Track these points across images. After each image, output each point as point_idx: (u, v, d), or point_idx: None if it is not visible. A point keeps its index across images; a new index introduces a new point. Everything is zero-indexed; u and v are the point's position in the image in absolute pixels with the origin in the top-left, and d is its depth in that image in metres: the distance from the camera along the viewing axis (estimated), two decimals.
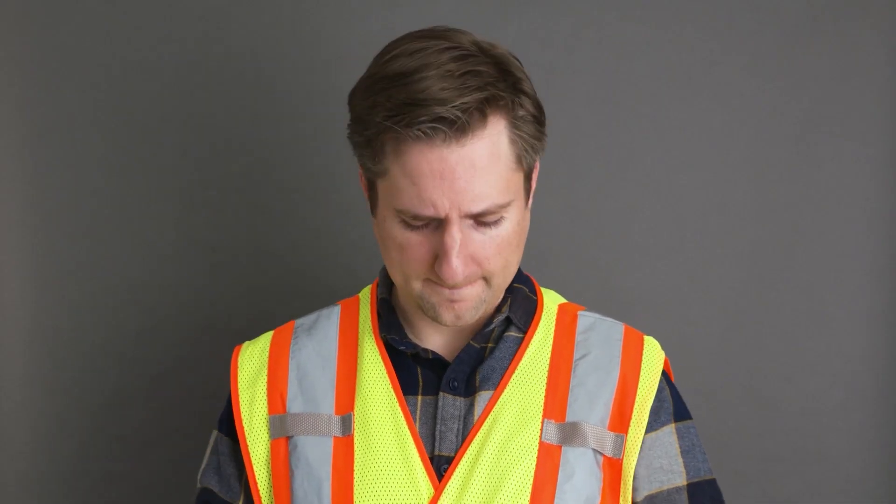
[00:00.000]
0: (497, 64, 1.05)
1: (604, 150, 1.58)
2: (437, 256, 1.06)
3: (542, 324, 1.17)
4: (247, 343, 1.21)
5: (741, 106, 1.58)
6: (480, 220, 1.06)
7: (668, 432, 1.15)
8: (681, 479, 1.13)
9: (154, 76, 1.58)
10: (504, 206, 1.06)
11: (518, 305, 1.17)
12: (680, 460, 1.14)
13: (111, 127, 1.58)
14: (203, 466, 1.19)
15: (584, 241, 1.58)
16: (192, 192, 1.58)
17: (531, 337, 1.16)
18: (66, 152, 1.57)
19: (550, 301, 1.21)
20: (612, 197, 1.59)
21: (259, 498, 1.14)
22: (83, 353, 1.58)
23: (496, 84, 1.03)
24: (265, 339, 1.21)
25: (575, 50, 1.58)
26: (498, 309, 1.16)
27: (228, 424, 1.18)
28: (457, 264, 1.05)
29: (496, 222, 1.07)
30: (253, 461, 1.14)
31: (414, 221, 1.06)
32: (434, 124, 1.01)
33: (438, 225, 1.06)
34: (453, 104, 1.00)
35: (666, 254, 1.58)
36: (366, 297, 1.22)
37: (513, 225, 1.09)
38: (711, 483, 1.16)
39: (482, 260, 1.07)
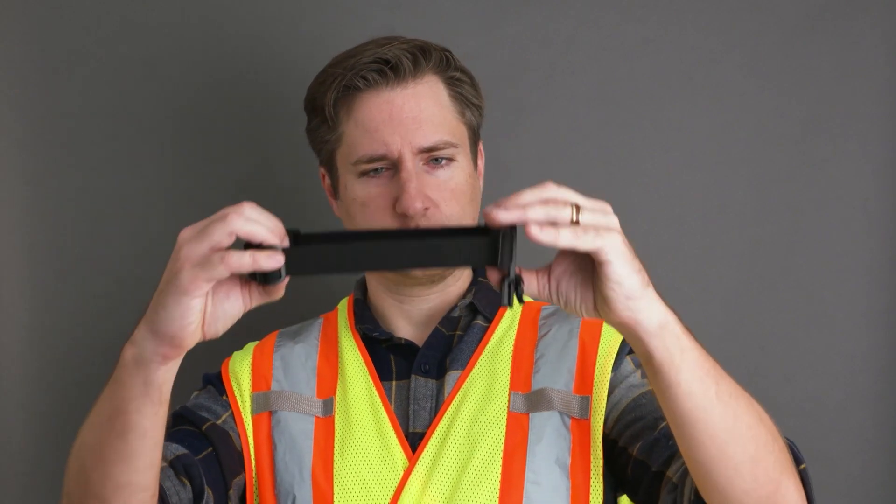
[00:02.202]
0: (437, 46, 1.21)
1: (604, 150, 1.58)
2: (398, 198, 1.14)
3: (507, 315, 1.23)
4: (235, 353, 1.27)
5: (741, 106, 1.57)
6: (432, 155, 1.16)
7: (626, 362, 1.17)
8: (645, 387, 1.14)
9: (154, 76, 1.58)
10: (453, 146, 1.17)
11: (483, 295, 1.23)
12: (638, 372, 1.16)
13: (111, 127, 1.58)
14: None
15: None
16: (192, 192, 1.58)
17: (496, 325, 1.22)
18: (65, 152, 1.57)
19: None
20: (612, 197, 1.57)
21: (250, 464, 1.18)
22: (83, 353, 1.58)
23: (430, 44, 1.20)
24: (251, 345, 1.28)
25: (575, 50, 1.58)
26: (463, 296, 1.24)
27: (217, 385, 1.23)
28: (415, 192, 1.14)
29: (448, 162, 1.17)
30: (246, 430, 1.19)
31: (369, 166, 1.16)
32: (377, 65, 1.16)
33: (395, 172, 1.16)
34: (391, 47, 1.17)
35: (666, 254, 1.58)
36: (343, 303, 1.30)
37: (464, 174, 1.19)
38: None
39: (439, 201, 1.16)
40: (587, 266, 0.91)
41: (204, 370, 1.29)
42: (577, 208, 0.87)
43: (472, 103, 1.23)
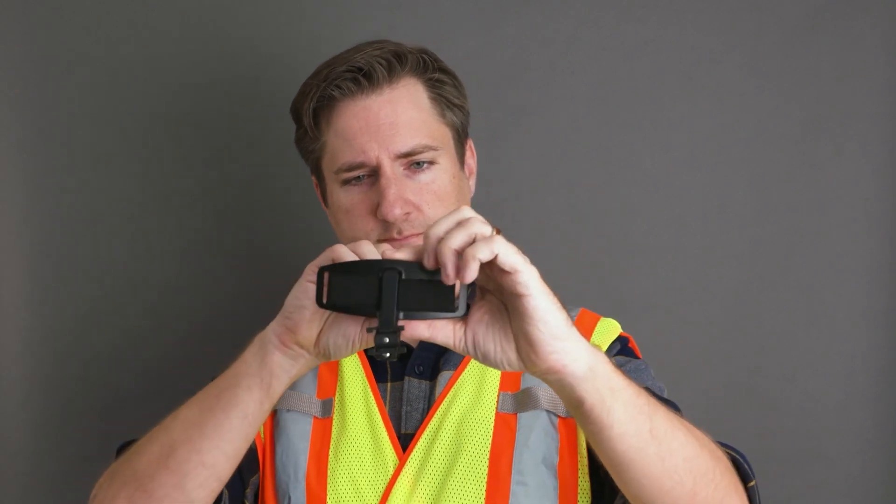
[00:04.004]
0: (414, 48, 1.21)
1: (604, 150, 1.58)
2: (378, 205, 1.15)
3: None
4: None
5: (741, 106, 1.57)
6: (411, 159, 1.16)
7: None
8: None
9: (154, 76, 1.58)
10: (433, 149, 1.17)
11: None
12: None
13: (111, 127, 1.58)
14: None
15: (584, 241, 1.58)
16: (192, 192, 1.58)
17: None
18: (65, 152, 1.58)
19: None
20: (612, 197, 1.59)
21: (263, 462, 1.19)
22: (83, 353, 1.58)
23: (406, 48, 1.19)
24: None
25: (575, 50, 1.58)
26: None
27: None
28: (394, 198, 1.14)
29: (428, 166, 1.17)
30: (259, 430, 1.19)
31: (350, 174, 1.17)
32: (350, 73, 1.16)
33: (376, 178, 1.16)
34: (364, 54, 1.17)
35: (666, 254, 1.58)
36: None
37: (447, 176, 1.18)
38: (657, 391, 1.16)
39: (420, 204, 1.16)
40: (503, 317, 0.90)
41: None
42: (497, 231, 0.87)
43: (454, 104, 1.22)
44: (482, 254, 0.85)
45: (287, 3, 1.58)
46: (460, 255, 0.86)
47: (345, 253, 0.93)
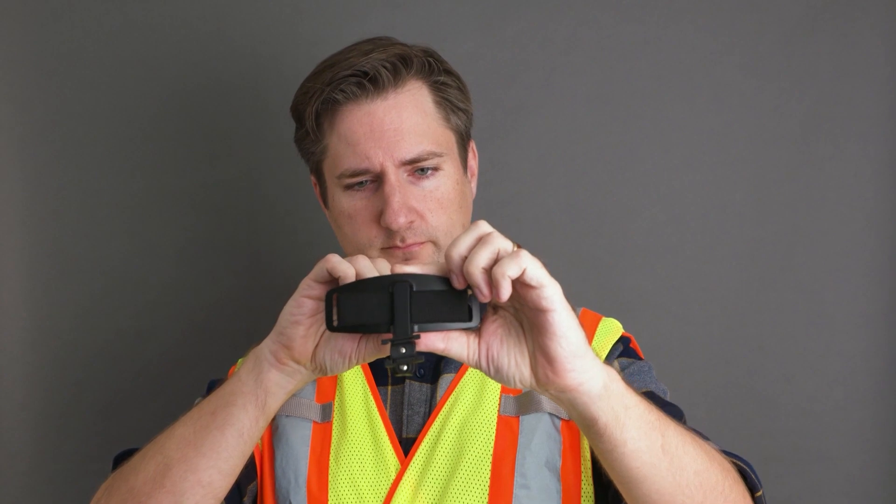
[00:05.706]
0: (418, 47, 1.19)
1: (604, 150, 1.58)
2: (382, 212, 1.13)
3: None
4: (240, 360, 1.26)
5: (741, 106, 1.57)
6: (416, 166, 1.14)
7: (614, 364, 1.17)
8: None
9: (154, 76, 1.58)
10: (437, 155, 1.15)
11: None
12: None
13: (111, 127, 1.58)
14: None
15: (584, 241, 1.58)
16: (192, 193, 1.58)
17: None
18: (66, 152, 1.58)
19: None
20: (612, 197, 1.59)
21: (260, 469, 1.18)
22: (83, 353, 1.58)
23: (411, 49, 1.17)
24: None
25: (575, 50, 1.58)
26: None
27: None
28: (398, 206, 1.12)
29: (433, 172, 1.15)
30: None
31: (353, 180, 1.15)
32: (355, 77, 1.14)
33: (379, 184, 1.15)
34: (370, 58, 1.14)
35: (666, 254, 1.58)
36: None
37: (451, 182, 1.17)
38: (661, 394, 1.16)
39: (424, 212, 1.14)
40: (517, 332, 0.90)
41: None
42: (518, 246, 0.86)
43: (459, 108, 1.20)
44: (511, 271, 0.84)
45: (287, 3, 1.58)
46: (488, 272, 0.85)
47: (339, 264, 0.92)
